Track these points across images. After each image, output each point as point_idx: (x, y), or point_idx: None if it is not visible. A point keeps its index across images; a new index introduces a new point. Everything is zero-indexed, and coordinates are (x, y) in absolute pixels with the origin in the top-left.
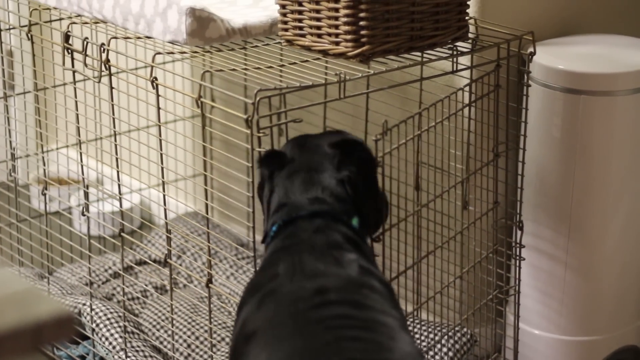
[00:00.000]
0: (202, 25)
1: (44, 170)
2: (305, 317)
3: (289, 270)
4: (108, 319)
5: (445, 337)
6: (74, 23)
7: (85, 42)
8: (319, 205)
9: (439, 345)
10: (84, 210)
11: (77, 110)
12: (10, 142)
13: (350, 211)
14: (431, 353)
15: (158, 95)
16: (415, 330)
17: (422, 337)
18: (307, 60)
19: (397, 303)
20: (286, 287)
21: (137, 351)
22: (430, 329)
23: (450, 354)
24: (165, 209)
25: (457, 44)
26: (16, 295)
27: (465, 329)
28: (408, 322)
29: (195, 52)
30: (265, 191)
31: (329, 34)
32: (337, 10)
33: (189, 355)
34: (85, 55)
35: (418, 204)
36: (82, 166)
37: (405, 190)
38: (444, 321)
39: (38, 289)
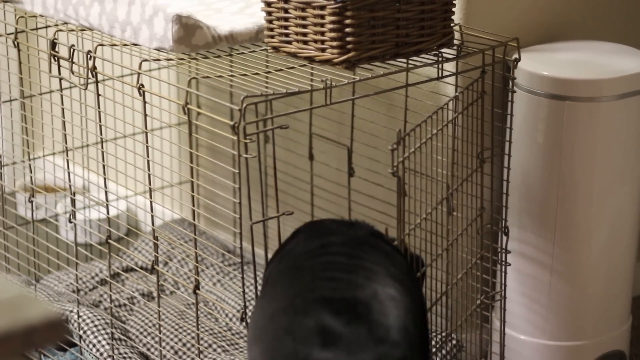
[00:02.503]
0: (188, 32)
1: (31, 177)
2: (299, 266)
3: (309, 233)
4: (95, 325)
5: (432, 343)
6: (61, 30)
7: (71, 50)
8: None
9: None
10: (71, 217)
11: (63, 117)
12: None
13: None
14: None
15: (144, 102)
16: None
17: None
18: (293, 67)
19: (405, 267)
20: (300, 246)
21: (124, 358)
22: None
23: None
24: (152, 216)
25: (443, 50)
26: (7, 300)
27: (451, 335)
28: None
29: (182, 59)
30: None
31: (315, 41)
32: (322, 17)
33: None
34: (72, 62)
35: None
36: (68, 173)
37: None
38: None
39: (30, 294)
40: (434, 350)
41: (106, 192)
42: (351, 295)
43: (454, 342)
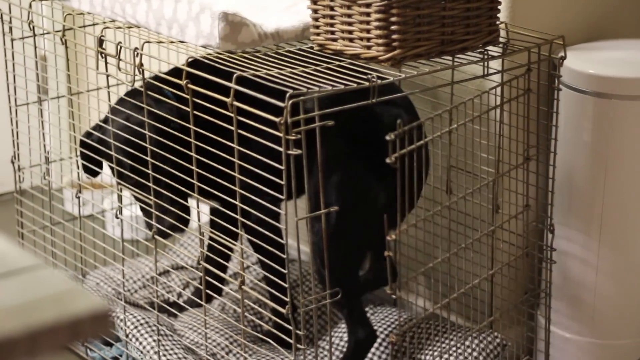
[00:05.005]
0: (234, 30)
1: (78, 174)
2: None
3: None
4: (140, 322)
5: (476, 340)
6: (108, 28)
7: (118, 47)
8: None
9: (469, 350)
10: (118, 213)
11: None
12: (45, 146)
13: None
14: (461, 358)
15: (191, 99)
16: (446, 334)
17: (453, 341)
18: (338, 64)
19: None
20: None
21: (170, 353)
22: (460, 333)
23: (481, 358)
24: (197, 212)
25: (488, 48)
26: (56, 293)
27: (495, 333)
28: (437, 326)
29: (229, 56)
30: None
31: (361, 38)
32: (368, 14)
33: (222, 357)
34: (119, 59)
35: (449, 207)
36: None
37: (440, 195)
38: (474, 325)
39: (78, 287)
40: (473, 344)
41: (153, 189)
42: None
43: (497, 340)
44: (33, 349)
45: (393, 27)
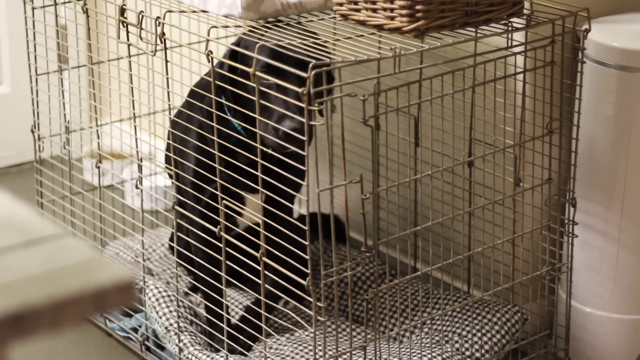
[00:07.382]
0: (257, 0)
1: (98, 143)
2: None
3: None
4: (161, 294)
5: (497, 314)
6: None
7: (140, 16)
8: None
9: (490, 323)
10: (137, 183)
11: (131, 84)
12: (65, 115)
13: None
14: (483, 331)
15: (213, 69)
16: (467, 307)
17: (474, 315)
18: (361, 35)
19: None
20: None
21: (190, 324)
22: (482, 307)
23: (502, 331)
24: (219, 184)
25: (512, 20)
26: (79, 263)
27: (516, 307)
28: (458, 299)
29: (251, 26)
30: None
31: (384, 9)
32: None
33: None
34: (141, 29)
35: (470, 180)
36: (135, 140)
37: (462, 169)
38: (495, 299)
39: (101, 257)
40: (494, 318)
41: (173, 159)
42: None
43: (518, 314)
44: (57, 320)
45: None
